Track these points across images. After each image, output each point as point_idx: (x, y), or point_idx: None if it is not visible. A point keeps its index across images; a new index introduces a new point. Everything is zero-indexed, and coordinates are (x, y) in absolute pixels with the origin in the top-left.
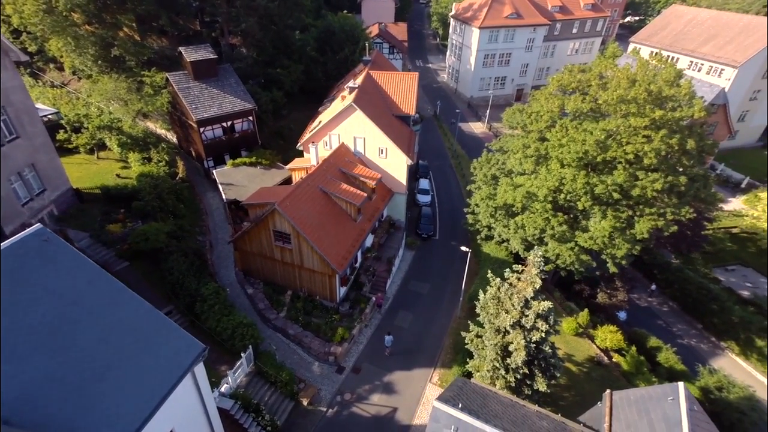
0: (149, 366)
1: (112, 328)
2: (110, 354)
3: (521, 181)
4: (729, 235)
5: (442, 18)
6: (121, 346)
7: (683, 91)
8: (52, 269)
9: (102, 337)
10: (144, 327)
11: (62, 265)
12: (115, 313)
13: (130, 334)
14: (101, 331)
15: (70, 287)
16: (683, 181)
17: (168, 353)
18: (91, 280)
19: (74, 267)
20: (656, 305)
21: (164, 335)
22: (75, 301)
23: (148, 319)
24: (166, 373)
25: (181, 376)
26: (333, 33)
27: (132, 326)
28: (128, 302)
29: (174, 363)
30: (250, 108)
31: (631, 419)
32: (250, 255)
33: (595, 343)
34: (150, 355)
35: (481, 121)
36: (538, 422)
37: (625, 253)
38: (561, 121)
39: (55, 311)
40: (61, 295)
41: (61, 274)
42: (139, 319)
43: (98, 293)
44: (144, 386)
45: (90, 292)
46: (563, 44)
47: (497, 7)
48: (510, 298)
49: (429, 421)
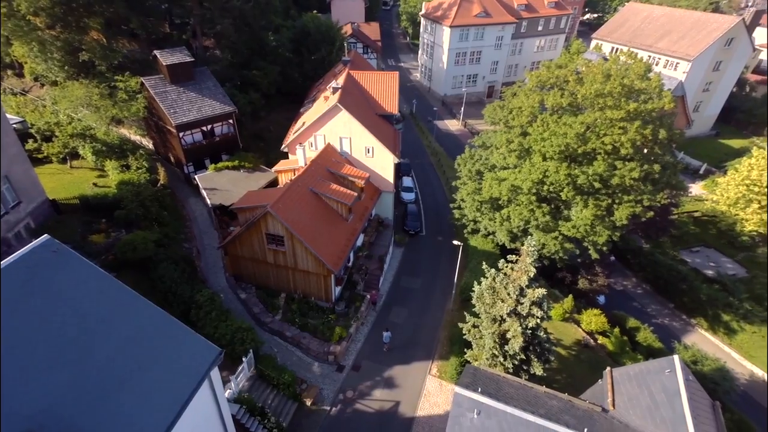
0: (168, 372)
1: (129, 336)
2: (129, 362)
3: (505, 175)
4: (692, 219)
5: (411, 17)
6: (138, 354)
7: (653, 84)
8: (64, 280)
9: (119, 346)
10: (159, 333)
11: (74, 276)
12: (130, 321)
13: (147, 341)
14: (118, 340)
15: (83, 297)
16: (657, 169)
17: (185, 358)
18: (103, 289)
19: (86, 277)
20: (630, 288)
21: (180, 340)
22: (89, 312)
23: (163, 325)
24: (186, 378)
25: (200, 381)
26: (308, 34)
27: (147, 333)
28: (142, 309)
29: (192, 368)
30: (230, 111)
31: (633, 393)
32: (242, 259)
33: (581, 327)
34: (168, 361)
35: (456, 118)
36: (549, 402)
37: (606, 239)
38: (542, 115)
39: (71, 322)
40: (76, 305)
41: (73, 284)
42: (153, 325)
43: (111, 302)
44: (165, 393)
45: (103, 301)
46: (530, 41)
47: (466, 6)
48: (505, 287)
49: (452, 406)
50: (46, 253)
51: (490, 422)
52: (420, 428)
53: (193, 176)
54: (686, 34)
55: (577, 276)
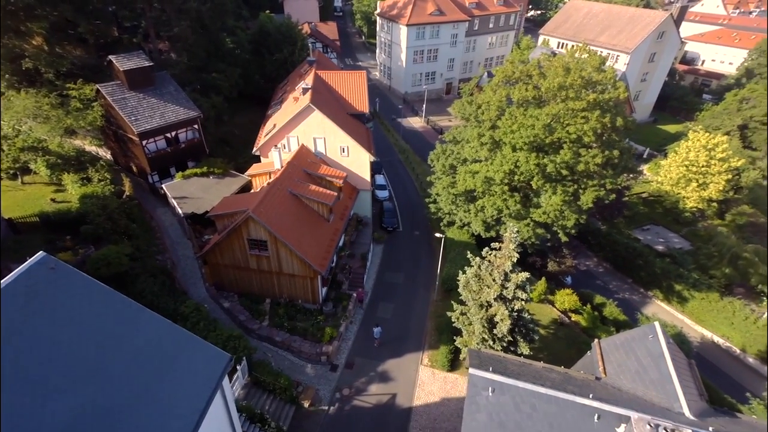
0: (183, 382)
1: (139, 349)
2: (143, 375)
3: (477, 168)
4: (641, 200)
5: (366, 16)
6: (151, 366)
7: (609, 76)
8: (67, 297)
9: (132, 360)
10: (168, 343)
11: (76, 292)
12: (139, 333)
13: (157, 352)
14: (130, 353)
15: (89, 314)
16: (617, 154)
17: (197, 367)
18: (107, 303)
19: (89, 292)
20: (592, 267)
21: (189, 349)
22: (98, 328)
23: (171, 335)
24: (201, 386)
25: (214, 389)
26: (268, 34)
27: (157, 344)
28: (148, 321)
29: (205, 376)
30: (195, 116)
31: (621, 360)
32: (222, 268)
33: (555, 306)
34: (181, 371)
35: (419, 115)
36: (550, 375)
37: (573, 222)
38: (509, 109)
39: (81, 340)
40: (83, 323)
41: (77, 301)
42: (161, 336)
43: (118, 316)
44: (183, 403)
45: (109, 316)
46: (482, 38)
47: (421, 5)
48: (490, 273)
49: (468, 387)
50: (44, 270)
51: (504, 398)
52: (419, 417)
53: (159, 186)
54: (623, 28)
55: (546, 260)
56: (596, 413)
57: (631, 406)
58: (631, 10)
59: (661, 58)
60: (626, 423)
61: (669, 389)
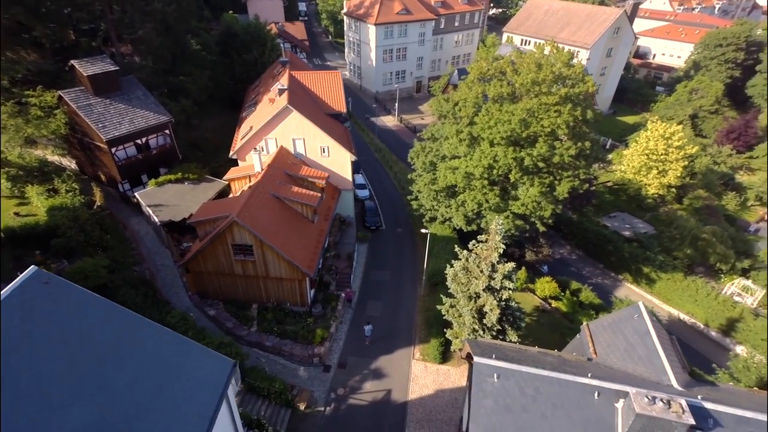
0: (189, 390)
1: (143, 359)
2: (149, 386)
3: (457, 164)
4: (606, 189)
5: (332, 15)
6: (156, 376)
7: (577, 71)
8: (65, 312)
9: (136, 371)
10: (171, 352)
11: (73, 306)
12: (140, 343)
13: (161, 361)
14: (133, 364)
15: (89, 327)
16: (588, 145)
17: (202, 374)
18: (106, 315)
19: (85, 305)
20: (566, 255)
21: (193, 357)
22: (98, 341)
23: (173, 344)
24: (207, 394)
25: (221, 396)
26: (235, 35)
27: (160, 354)
28: (149, 330)
29: (211, 383)
30: (166, 121)
31: (610, 340)
32: (205, 275)
33: (536, 294)
34: (186, 379)
35: (392, 114)
36: (546, 358)
37: (550, 213)
38: (486, 105)
39: (82, 354)
40: (83, 336)
41: (75, 315)
42: (163, 346)
43: (117, 327)
44: (191, 412)
45: (109, 327)
46: (449, 37)
47: (388, 4)
48: (478, 265)
49: (473, 374)
50: (37, 285)
51: (509, 383)
52: (414, 410)
53: (131, 194)
54: (582, 25)
55: (524, 250)
56: (596, 391)
57: (626, 382)
58: (588, 8)
59: (617, 53)
60: (624, 398)
61: (657, 364)
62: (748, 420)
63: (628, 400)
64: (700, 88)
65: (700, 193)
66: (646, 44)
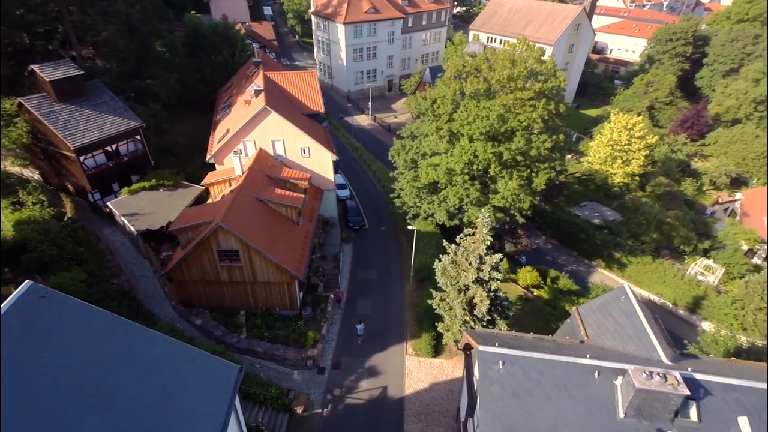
0: (198, 398)
1: (149, 370)
2: (158, 396)
3: (437, 161)
4: (575, 180)
5: (298, 15)
6: (164, 385)
7: (549, 66)
8: (65, 325)
9: (144, 382)
10: (177, 360)
11: (73, 319)
12: (145, 354)
13: (168, 371)
14: (140, 375)
15: (92, 340)
16: (562, 138)
17: (209, 381)
18: (108, 327)
19: (85, 317)
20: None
21: (199, 364)
22: (103, 353)
23: (177, 352)
24: (217, 401)
25: (230, 402)
26: (203, 36)
27: (166, 363)
28: (152, 340)
29: (219, 390)
30: (137, 126)
31: (599, 322)
32: (190, 284)
33: (518, 284)
34: (194, 387)
35: (365, 113)
36: (542, 343)
37: (529, 204)
38: (464, 102)
39: (87, 367)
40: (85, 349)
41: (76, 328)
42: (168, 354)
43: (121, 339)
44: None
45: (112, 339)
46: (417, 35)
47: (356, 3)
48: (466, 258)
49: (479, 363)
50: (34, 300)
51: (514, 369)
52: (411, 404)
53: (102, 204)
54: (544, 22)
55: (503, 242)
56: (596, 371)
57: (621, 360)
58: (549, 5)
59: (578, 49)
60: (622, 375)
61: (646, 342)
62: (735, 387)
63: (626, 376)
64: (655, 80)
65: (661, 180)
66: (603, 40)
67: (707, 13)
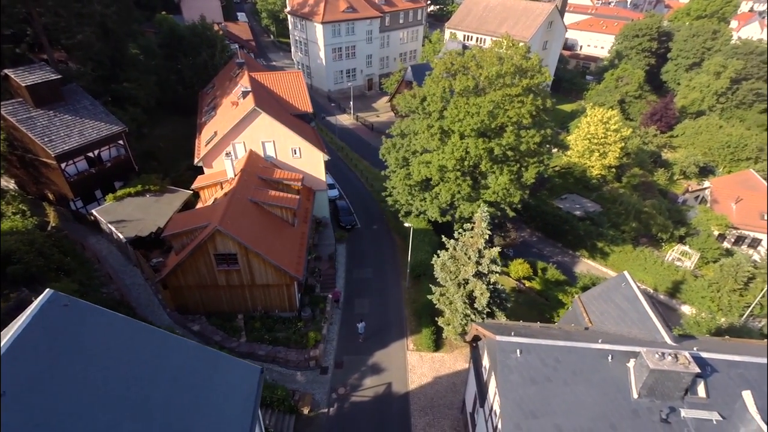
0: (226, 400)
1: (176, 374)
2: (186, 401)
3: (429, 158)
4: (555, 173)
5: (273, 14)
6: (191, 390)
7: (534, 63)
8: (90, 334)
9: (171, 387)
10: (200, 364)
11: (97, 327)
12: (171, 358)
13: (193, 375)
14: (167, 381)
15: (117, 347)
16: (549, 132)
17: (233, 383)
18: (133, 333)
19: (110, 325)
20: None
21: (222, 366)
22: (129, 360)
23: (200, 356)
24: (243, 402)
25: (256, 403)
26: (181, 37)
27: (190, 367)
28: (176, 344)
29: (243, 391)
30: (119, 130)
31: (602, 309)
32: (186, 290)
33: (510, 276)
34: (220, 390)
35: (347, 113)
36: (551, 331)
37: (519, 198)
38: (453, 99)
39: (115, 375)
40: (112, 357)
41: (101, 336)
42: (191, 358)
43: (145, 345)
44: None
45: (137, 346)
46: (395, 34)
47: (333, 2)
48: (465, 253)
49: (497, 352)
50: (57, 309)
51: (531, 356)
52: (416, 399)
53: (86, 212)
54: (519, 19)
55: (493, 236)
56: (609, 354)
57: (630, 344)
58: (523, 3)
59: (552, 45)
60: (634, 357)
61: (649, 325)
62: (738, 363)
63: (639, 358)
64: (625, 75)
65: (636, 171)
66: (573, 36)
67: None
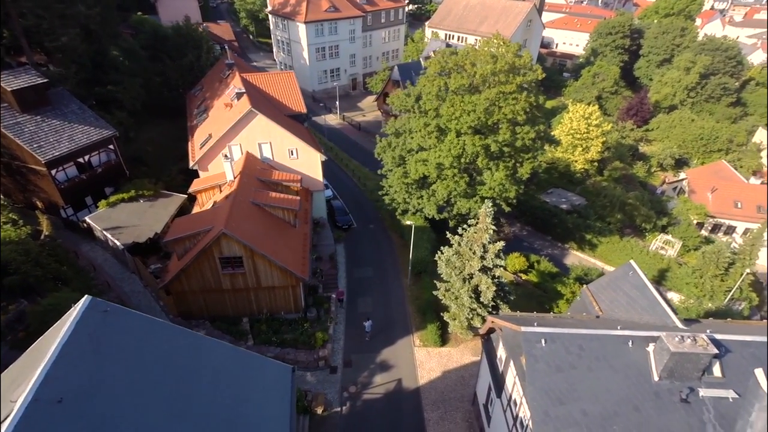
0: (264, 398)
1: (214, 377)
2: (227, 402)
3: (426, 156)
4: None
5: (251, 14)
6: (230, 391)
7: (526, 60)
8: (132, 338)
9: (212, 389)
10: (236, 365)
11: (137, 331)
12: (208, 361)
13: (231, 376)
14: (207, 383)
15: (157, 351)
16: (542, 128)
17: (269, 383)
18: (168, 337)
19: (150, 329)
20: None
21: (256, 366)
22: (170, 363)
23: (235, 357)
24: (280, 401)
25: (292, 401)
26: (165, 38)
27: (228, 369)
28: (212, 347)
29: (279, 390)
30: (110, 135)
31: (611, 297)
32: (189, 295)
33: (507, 270)
34: (257, 390)
35: (333, 113)
36: (565, 320)
37: (515, 194)
38: (449, 97)
39: (160, 379)
40: (155, 361)
41: (142, 340)
42: (228, 359)
43: (182, 347)
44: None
45: (177, 349)
46: (377, 33)
47: (315, 2)
48: (470, 248)
49: (522, 342)
50: (98, 315)
51: (555, 345)
52: (427, 393)
53: (77, 219)
54: (499, 18)
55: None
56: (629, 340)
57: (645, 329)
58: (501, 2)
59: (531, 44)
60: (653, 342)
61: (659, 311)
62: (749, 342)
63: (660, 342)
64: (601, 72)
65: (617, 164)
66: (549, 35)
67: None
